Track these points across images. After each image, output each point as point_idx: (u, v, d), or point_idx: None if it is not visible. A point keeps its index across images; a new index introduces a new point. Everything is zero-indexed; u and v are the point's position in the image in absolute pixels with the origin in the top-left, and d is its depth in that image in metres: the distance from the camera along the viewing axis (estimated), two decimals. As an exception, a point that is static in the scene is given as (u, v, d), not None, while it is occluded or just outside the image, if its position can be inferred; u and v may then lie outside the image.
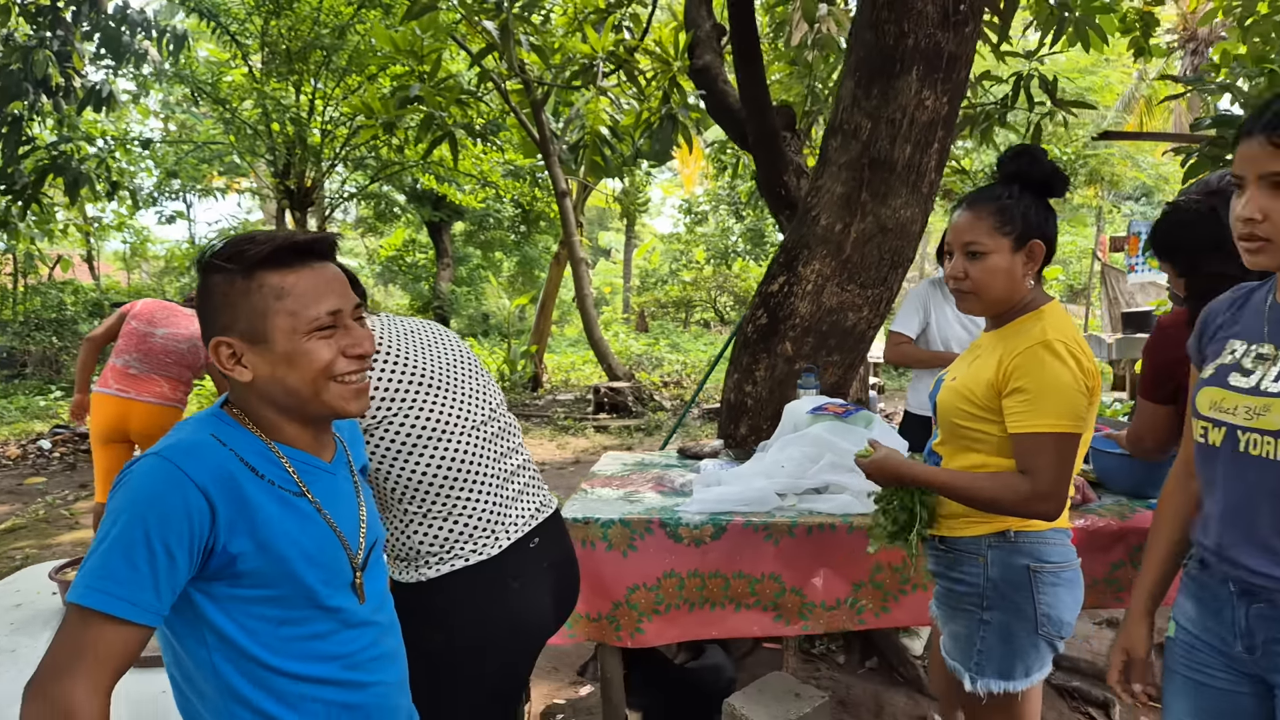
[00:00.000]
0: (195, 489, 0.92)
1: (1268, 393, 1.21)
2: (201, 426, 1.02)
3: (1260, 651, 1.24)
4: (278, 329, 1.01)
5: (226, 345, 1.02)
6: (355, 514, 1.12)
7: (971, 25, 2.94)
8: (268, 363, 1.02)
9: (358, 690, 1.06)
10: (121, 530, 0.89)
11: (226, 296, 1.02)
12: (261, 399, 1.04)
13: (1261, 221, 1.18)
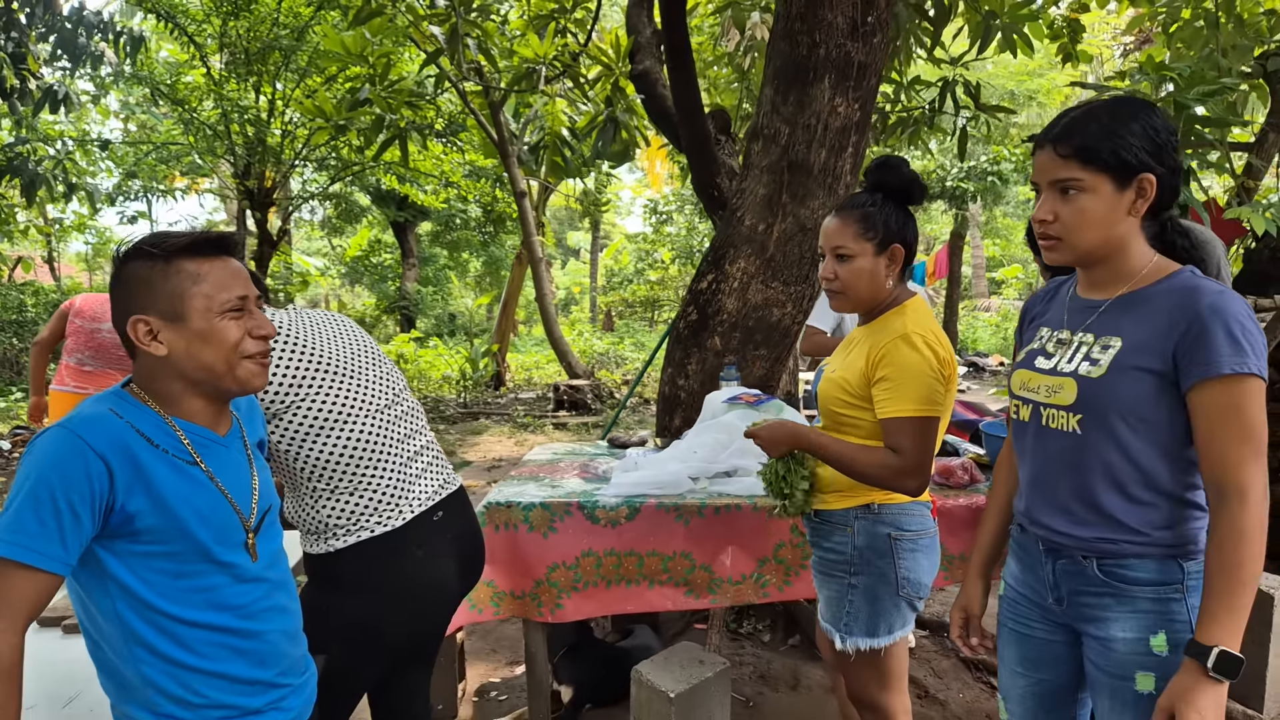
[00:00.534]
0: (94, 455, 1.05)
1: (1063, 373, 1.38)
2: (101, 402, 1.14)
3: (1067, 603, 1.42)
4: (194, 309, 1.14)
5: (144, 323, 1.14)
6: (248, 482, 1.24)
7: (879, 36, 3.12)
8: (184, 339, 1.14)
9: (251, 638, 1.19)
10: (30, 490, 1.02)
11: (147, 279, 1.14)
12: (172, 374, 1.17)
13: (1053, 222, 1.35)
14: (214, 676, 1.15)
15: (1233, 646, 1.18)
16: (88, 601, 1.12)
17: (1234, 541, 1.19)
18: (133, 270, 1.15)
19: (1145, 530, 1.32)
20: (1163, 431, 1.30)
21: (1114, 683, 1.34)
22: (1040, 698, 1.51)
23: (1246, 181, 4.90)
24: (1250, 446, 1.21)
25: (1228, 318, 1.23)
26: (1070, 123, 1.33)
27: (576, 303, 26.44)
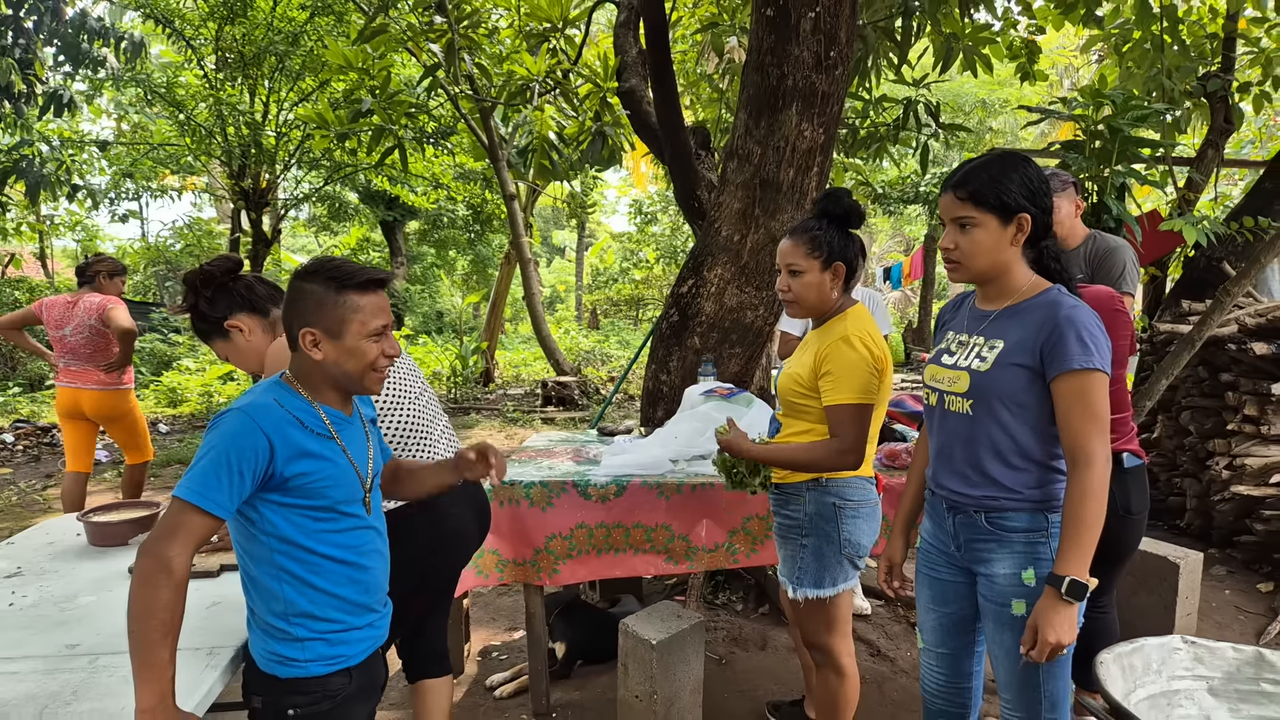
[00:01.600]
0: (262, 433, 1.39)
1: (960, 367, 1.75)
2: (267, 392, 1.47)
3: (964, 550, 1.79)
4: (350, 332, 1.47)
5: (311, 334, 1.47)
6: (365, 452, 1.60)
7: (841, 69, 3.49)
8: (336, 351, 1.48)
9: (362, 570, 1.55)
10: (215, 456, 1.35)
11: (320, 301, 1.46)
12: (321, 374, 1.50)
13: (954, 250, 1.73)
14: (333, 597, 1.50)
15: (1081, 577, 1.55)
16: (248, 537, 1.46)
17: (1081, 498, 1.56)
18: (309, 290, 1.48)
19: (1020, 490, 1.69)
20: (1033, 413, 1.67)
21: (996, 609, 1.72)
22: (947, 628, 1.89)
23: (1187, 194, 5.32)
24: (1095, 424, 1.59)
25: (1078, 326, 1.60)
26: (966, 173, 1.70)
27: (562, 301, 26.72)
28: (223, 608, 1.83)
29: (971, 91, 12.20)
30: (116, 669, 1.54)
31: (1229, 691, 1.47)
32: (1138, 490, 2.26)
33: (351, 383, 1.52)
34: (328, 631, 1.50)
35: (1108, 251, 3.03)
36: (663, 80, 4.37)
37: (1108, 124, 3.96)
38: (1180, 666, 1.48)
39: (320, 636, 1.49)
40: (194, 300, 1.96)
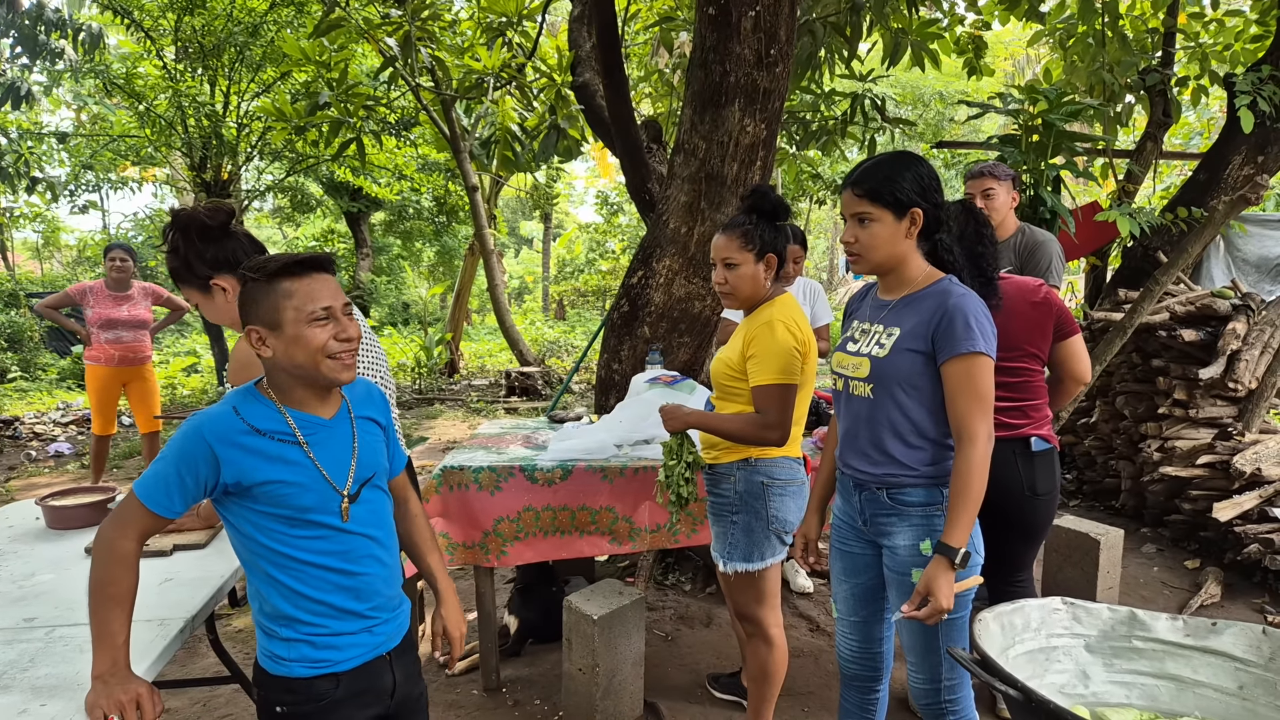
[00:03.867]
0: (206, 444, 1.39)
1: (861, 354, 1.86)
2: (229, 400, 1.46)
3: (870, 524, 1.91)
4: (286, 320, 1.41)
5: (255, 332, 1.43)
6: (347, 458, 1.51)
7: (781, 66, 3.59)
8: (282, 343, 1.42)
9: (349, 577, 1.50)
10: (167, 459, 1.40)
11: (253, 297, 1.43)
12: (281, 370, 1.45)
13: (854, 243, 1.83)
14: (317, 602, 1.47)
15: (964, 545, 1.66)
16: (235, 538, 1.47)
17: (966, 472, 1.68)
18: (247, 290, 1.45)
19: (917, 467, 1.81)
20: (927, 395, 1.79)
21: (898, 578, 1.84)
22: (859, 597, 2.01)
23: (1127, 186, 5.51)
24: (979, 405, 1.70)
25: (966, 313, 1.72)
26: (863, 172, 1.80)
27: (530, 292, 26.67)
28: (173, 584, 1.91)
29: (930, 85, 12.40)
30: (72, 639, 1.61)
31: (1104, 648, 1.60)
32: (1044, 473, 2.38)
33: (310, 374, 1.46)
34: (312, 635, 1.48)
35: (1036, 245, 3.18)
36: (613, 76, 4.45)
37: (1043, 119, 4.12)
38: (1059, 625, 1.61)
39: (305, 639, 1.47)
40: (184, 248, 1.95)
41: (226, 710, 2.90)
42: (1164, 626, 1.57)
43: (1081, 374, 2.41)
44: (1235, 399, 4.21)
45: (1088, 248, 5.39)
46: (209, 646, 3.27)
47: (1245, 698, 1.49)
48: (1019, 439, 2.35)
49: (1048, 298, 2.38)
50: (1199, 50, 5.57)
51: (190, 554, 2.11)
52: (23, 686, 1.43)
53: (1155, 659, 1.57)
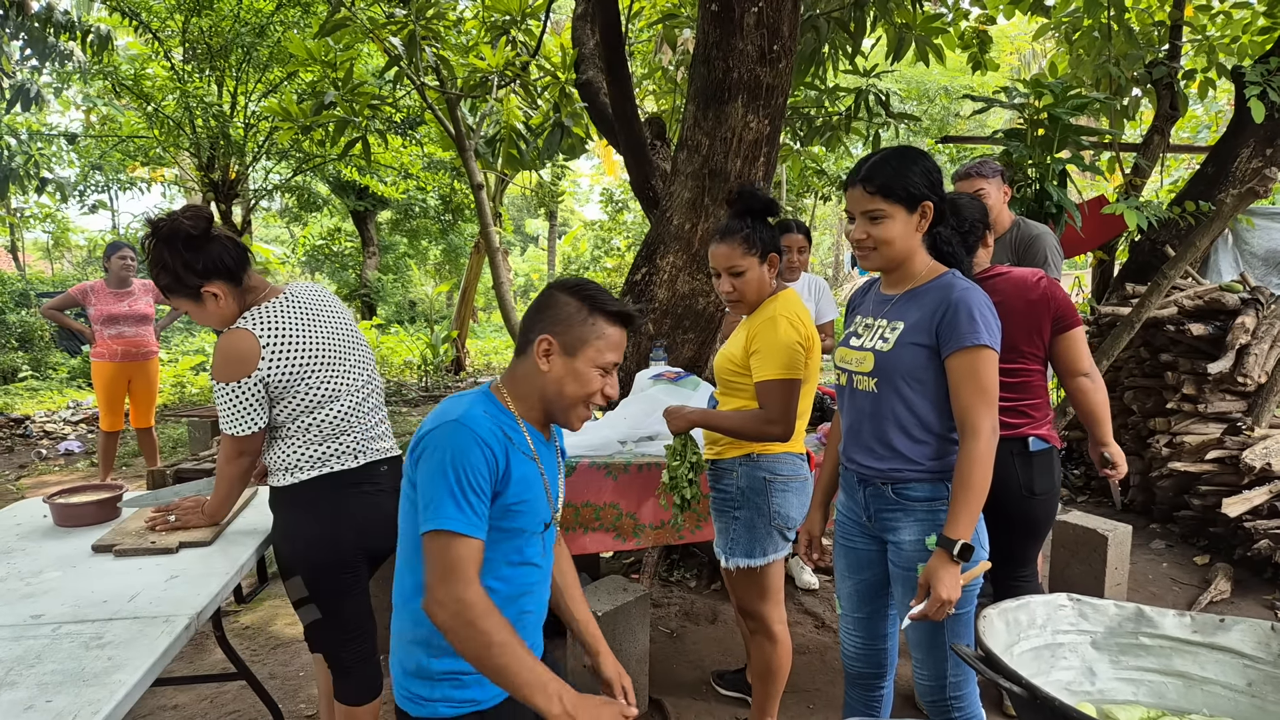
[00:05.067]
0: (486, 446, 1.31)
1: (865, 348, 1.85)
2: (477, 404, 1.38)
3: (874, 519, 1.90)
4: (585, 354, 1.40)
5: (547, 342, 1.40)
6: (557, 483, 1.50)
7: (784, 62, 3.58)
8: (564, 368, 1.40)
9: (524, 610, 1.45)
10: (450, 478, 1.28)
11: (568, 315, 1.40)
12: (537, 387, 1.42)
13: (866, 240, 1.81)
14: None
15: (966, 538, 1.65)
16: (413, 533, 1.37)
17: (969, 466, 1.67)
18: (565, 301, 1.42)
19: (922, 461, 1.79)
20: (932, 388, 1.77)
21: (903, 574, 1.83)
22: (861, 594, 1.99)
23: (1134, 179, 5.47)
24: (983, 398, 1.70)
25: (970, 306, 1.71)
26: (872, 168, 1.78)
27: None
28: (180, 580, 1.92)
29: (936, 80, 12.34)
30: (78, 636, 1.62)
31: (1110, 644, 1.58)
32: (1041, 473, 2.35)
33: (560, 407, 1.44)
34: (460, 672, 1.39)
35: (1031, 239, 3.16)
36: (616, 74, 4.44)
37: (1048, 112, 4.08)
38: (1065, 622, 1.59)
39: (451, 676, 1.39)
40: (172, 261, 1.92)
41: (234, 706, 2.92)
42: (1171, 623, 1.55)
43: (1079, 367, 2.38)
44: (1244, 393, 4.18)
45: (1095, 242, 5.35)
46: (215, 644, 3.30)
47: (1254, 695, 1.47)
48: (1017, 439, 2.33)
49: (1046, 291, 2.34)
50: (1206, 43, 5.52)
51: (196, 551, 2.12)
52: (29, 683, 1.44)
53: (1163, 656, 1.55)
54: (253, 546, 2.17)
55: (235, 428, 1.97)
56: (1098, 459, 2.45)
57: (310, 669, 3.15)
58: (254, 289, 2.04)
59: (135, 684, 1.44)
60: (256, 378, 1.93)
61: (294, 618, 3.60)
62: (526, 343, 1.43)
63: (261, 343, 1.94)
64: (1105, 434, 2.42)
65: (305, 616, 2.12)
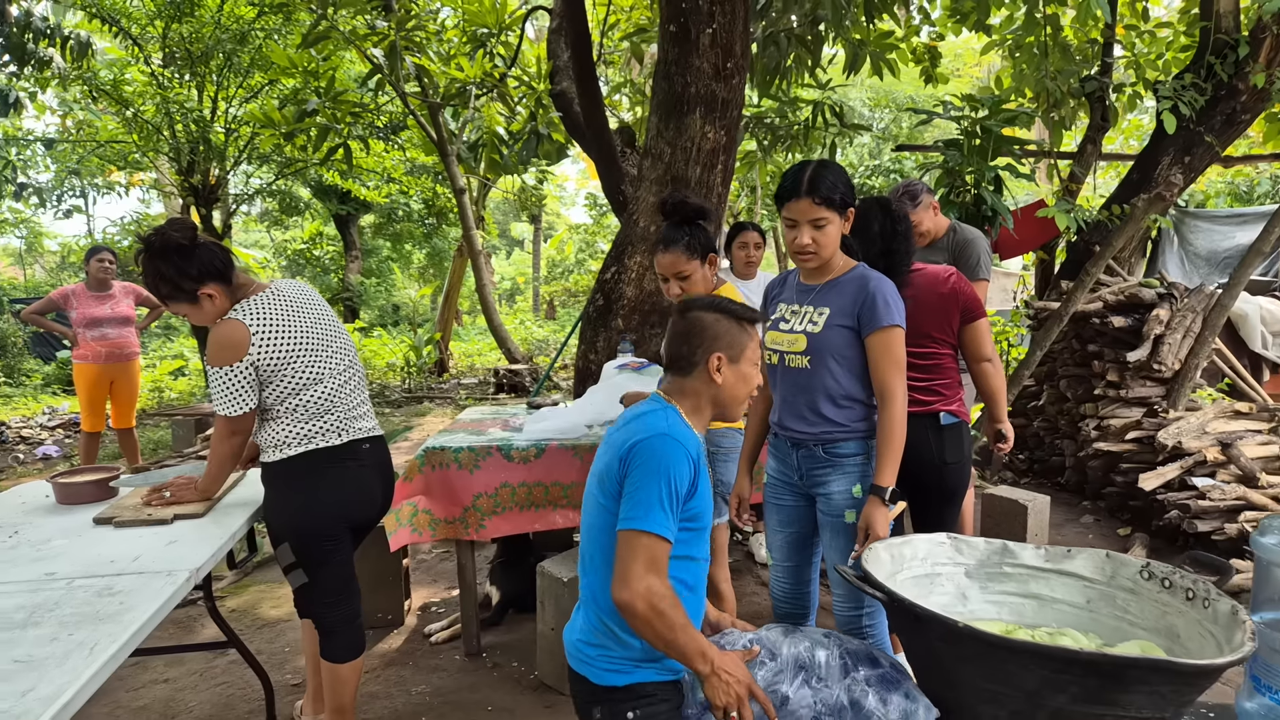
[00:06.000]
0: (691, 461, 1.53)
1: (797, 331, 2.18)
2: (676, 420, 1.58)
3: (805, 478, 2.22)
4: (746, 357, 1.66)
5: (719, 358, 1.62)
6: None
7: (738, 79, 3.91)
8: (734, 375, 1.65)
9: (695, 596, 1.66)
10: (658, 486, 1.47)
11: (727, 330, 1.64)
12: (712, 398, 1.65)
13: (811, 244, 2.11)
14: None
15: (891, 484, 2.00)
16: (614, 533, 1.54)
17: (890, 425, 2.02)
18: (718, 319, 1.65)
19: (849, 424, 2.12)
20: (855, 363, 2.11)
21: (833, 521, 2.15)
22: (792, 544, 2.32)
23: (1070, 185, 5.86)
24: (896, 368, 2.04)
25: (884, 293, 2.05)
26: (814, 181, 2.06)
27: (521, 293, 26.91)
28: (178, 544, 2.16)
29: (901, 89, 12.79)
30: (90, 587, 1.85)
31: (980, 574, 1.90)
32: (953, 444, 2.66)
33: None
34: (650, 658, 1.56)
35: (966, 243, 3.50)
36: (587, 86, 4.75)
37: (981, 124, 4.45)
38: (944, 556, 1.91)
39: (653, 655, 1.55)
40: (168, 270, 2.13)
41: (224, 678, 3.13)
42: (1029, 554, 1.88)
43: (981, 353, 2.71)
44: (1162, 379, 4.56)
45: (1032, 244, 5.73)
46: (202, 626, 3.56)
47: (1091, 610, 1.80)
48: (930, 414, 2.63)
49: (955, 286, 2.67)
50: (1134, 59, 5.92)
51: (190, 522, 2.34)
52: (51, 622, 1.65)
53: (1022, 581, 1.87)
54: (244, 516, 2.39)
55: (228, 408, 2.21)
56: (993, 434, 2.80)
57: (296, 645, 3.38)
58: (243, 286, 2.29)
59: (145, 621, 1.67)
60: (247, 362, 2.18)
61: (279, 599, 3.86)
62: (692, 364, 1.64)
63: (251, 330, 2.18)
64: (1001, 412, 2.77)
65: (294, 581, 2.40)
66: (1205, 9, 5.31)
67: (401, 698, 2.95)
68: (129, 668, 3.19)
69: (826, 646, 1.70)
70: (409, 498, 3.12)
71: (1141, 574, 1.74)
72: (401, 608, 3.62)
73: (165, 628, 3.57)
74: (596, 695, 1.57)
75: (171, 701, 2.98)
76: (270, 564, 4.25)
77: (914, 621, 1.53)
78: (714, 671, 1.47)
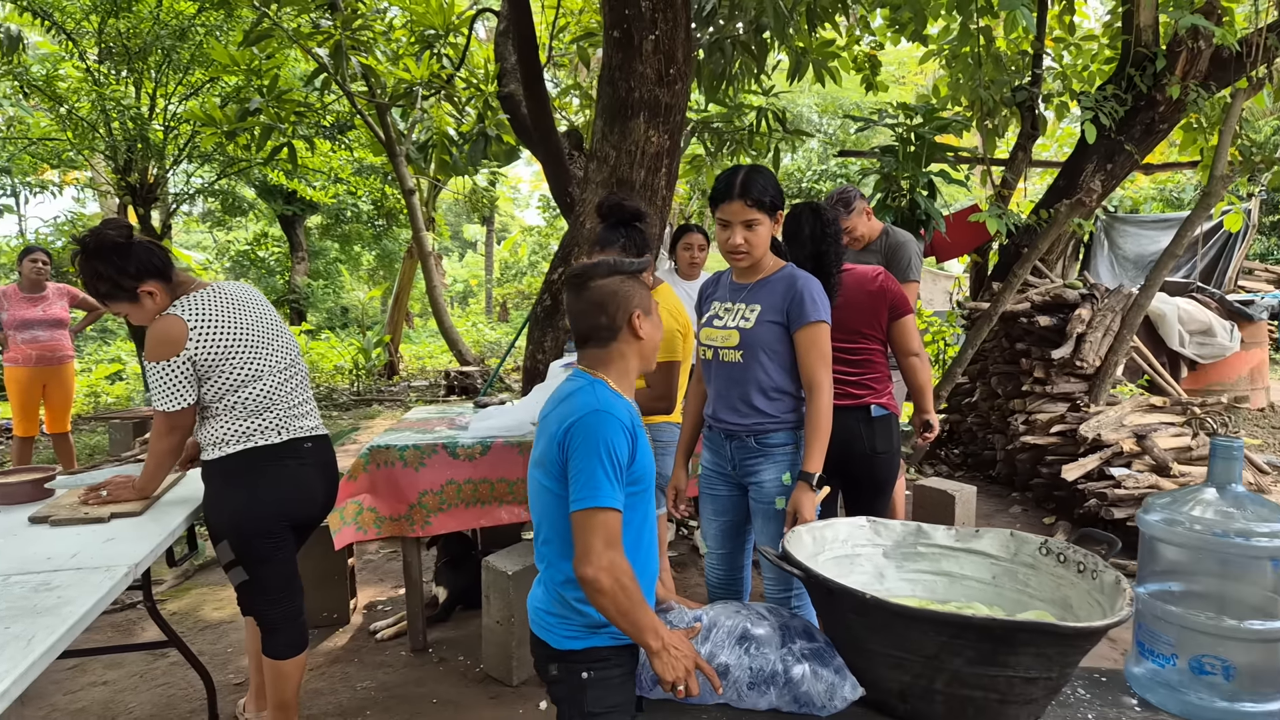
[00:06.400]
0: (626, 431, 1.54)
1: (730, 327, 2.27)
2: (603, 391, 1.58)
3: (738, 468, 2.32)
4: (651, 307, 1.69)
5: (638, 315, 1.64)
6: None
7: (681, 84, 4.01)
8: (651, 325, 1.68)
9: (648, 562, 1.69)
10: (598, 459, 1.49)
11: (630, 289, 1.65)
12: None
13: (743, 245, 2.21)
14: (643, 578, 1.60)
15: (818, 470, 2.10)
16: (561, 512, 1.56)
17: (817, 415, 2.13)
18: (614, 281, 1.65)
19: (779, 415, 2.23)
20: (785, 357, 2.21)
21: (764, 508, 2.25)
22: (726, 532, 2.42)
23: (1002, 191, 6.10)
24: (823, 362, 2.15)
25: (810, 291, 2.16)
26: (746, 185, 2.17)
27: (474, 295, 26.73)
28: (116, 542, 2.16)
29: (850, 96, 13.11)
30: (27, 583, 1.85)
31: (897, 554, 2.02)
32: (882, 435, 2.79)
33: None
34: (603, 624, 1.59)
35: (898, 245, 3.66)
36: (533, 89, 4.81)
37: (915, 132, 4.63)
38: (863, 538, 2.03)
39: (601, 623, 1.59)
40: (106, 270, 2.14)
41: (165, 679, 3.11)
42: (941, 535, 2.00)
43: (909, 348, 2.85)
44: (1085, 376, 4.79)
45: (966, 247, 5.96)
46: (143, 630, 3.52)
47: (996, 584, 1.93)
48: (861, 407, 2.76)
49: (882, 285, 2.80)
50: (1062, 71, 6.20)
51: (128, 521, 2.34)
52: None
53: (934, 560, 2.00)
54: (183, 514, 2.40)
55: (166, 404, 2.22)
56: (919, 425, 2.94)
57: (239, 646, 3.38)
58: (183, 284, 2.31)
59: (84, 613, 1.68)
60: (184, 356, 2.19)
61: (222, 602, 3.84)
62: (614, 331, 1.64)
63: (189, 325, 2.20)
64: (927, 404, 2.91)
65: (234, 578, 2.41)
66: (1126, 23, 5.60)
67: (346, 693, 2.98)
68: (66, 671, 3.16)
69: (766, 620, 1.79)
70: (354, 496, 3.14)
71: (1040, 550, 1.88)
72: (347, 606, 3.63)
73: (104, 631, 3.53)
74: (554, 656, 1.64)
75: (111, 703, 2.96)
76: (213, 567, 4.21)
77: (828, 595, 1.64)
78: (664, 647, 1.52)
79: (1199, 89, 5.26)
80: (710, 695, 1.65)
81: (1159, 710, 1.71)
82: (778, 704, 1.65)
